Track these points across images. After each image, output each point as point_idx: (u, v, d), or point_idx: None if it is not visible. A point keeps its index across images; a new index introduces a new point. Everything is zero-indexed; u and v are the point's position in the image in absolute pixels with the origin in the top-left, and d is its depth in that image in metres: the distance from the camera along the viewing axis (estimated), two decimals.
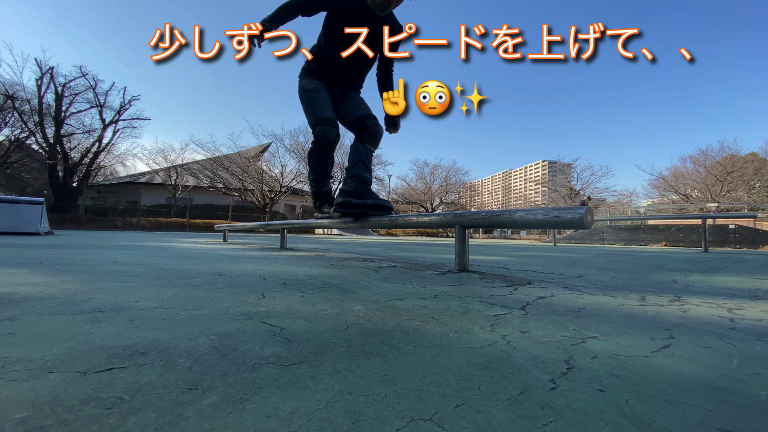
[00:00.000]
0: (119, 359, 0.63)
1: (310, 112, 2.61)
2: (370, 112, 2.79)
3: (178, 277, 1.63)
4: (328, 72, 2.68)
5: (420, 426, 0.45)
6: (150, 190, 24.19)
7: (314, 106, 2.59)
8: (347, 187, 2.68)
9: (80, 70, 19.26)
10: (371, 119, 2.73)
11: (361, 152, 2.75)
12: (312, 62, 2.69)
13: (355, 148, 2.79)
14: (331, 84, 2.72)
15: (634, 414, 0.49)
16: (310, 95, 2.63)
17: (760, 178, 22.53)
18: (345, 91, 2.80)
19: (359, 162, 2.72)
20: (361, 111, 2.75)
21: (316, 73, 2.70)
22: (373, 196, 2.72)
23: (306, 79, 2.71)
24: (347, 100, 2.79)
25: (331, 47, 2.57)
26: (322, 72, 2.69)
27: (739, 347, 0.79)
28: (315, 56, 2.66)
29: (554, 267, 2.52)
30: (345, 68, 2.68)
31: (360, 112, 2.75)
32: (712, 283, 1.86)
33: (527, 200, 62.89)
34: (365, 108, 2.80)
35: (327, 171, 2.87)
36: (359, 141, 2.79)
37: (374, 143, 2.77)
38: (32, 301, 1.08)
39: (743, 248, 8.65)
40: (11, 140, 19.21)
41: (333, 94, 2.74)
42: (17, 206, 7.14)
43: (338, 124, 2.66)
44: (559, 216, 1.56)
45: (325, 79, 2.70)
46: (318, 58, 2.65)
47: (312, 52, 2.68)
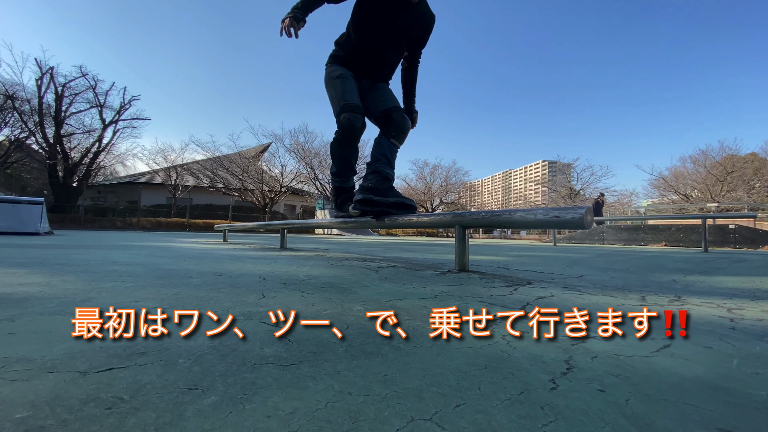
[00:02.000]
0: (119, 359, 0.63)
1: (335, 99, 2.50)
2: (398, 104, 2.68)
3: (177, 277, 1.63)
4: (356, 60, 2.57)
5: (420, 426, 0.45)
6: (150, 190, 24.19)
7: (340, 92, 2.47)
8: (368, 184, 2.55)
9: (80, 70, 19.29)
10: (398, 112, 2.61)
11: (384, 147, 2.63)
12: (340, 50, 2.60)
13: (378, 142, 2.66)
14: (360, 73, 2.60)
15: (634, 414, 0.49)
16: (336, 82, 2.51)
17: (760, 178, 22.52)
18: (373, 81, 2.68)
19: (382, 157, 2.59)
20: (389, 103, 2.64)
21: (344, 61, 2.59)
22: (395, 194, 2.59)
23: (333, 66, 2.59)
24: (375, 91, 2.67)
25: (358, 34, 2.48)
26: (350, 60, 2.58)
27: (739, 347, 0.79)
28: (343, 45, 2.57)
29: (554, 267, 2.52)
30: (374, 56, 2.57)
31: (387, 104, 2.63)
32: (712, 283, 1.86)
33: (527, 200, 62.90)
34: (393, 100, 2.69)
35: (351, 164, 2.69)
36: (384, 135, 2.66)
37: (400, 138, 2.65)
38: (32, 301, 1.08)
39: (743, 248, 8.64)
40: (11, 140, 19.22)
41: (361, 83, 2.62)
42: (17, 206, 7.14)
43: (364, 114, 2.51)
44: (559, 216, 1.56)
45: (353, 67, 2.58)
46: (346, 46, 2.56)
47: (340, 41, 2.60)
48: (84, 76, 19.30)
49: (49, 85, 18.83)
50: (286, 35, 2.20)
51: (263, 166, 24.59)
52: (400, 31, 2.46)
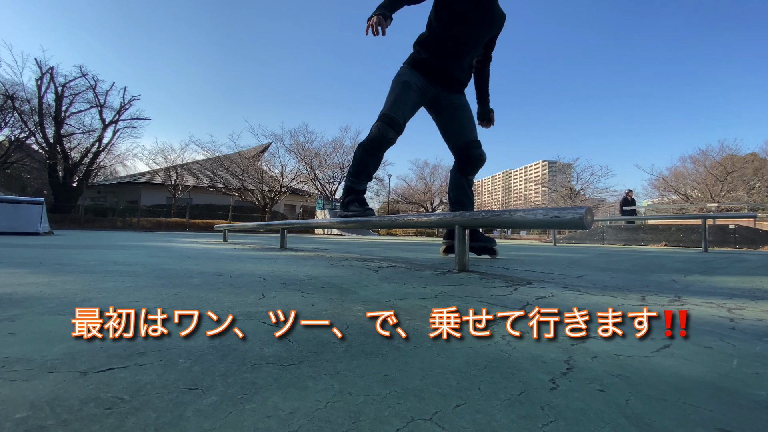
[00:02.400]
0: (119, 359, 0.63)
1: (386, 102, 2.45)
2: (476, 136, 2.62)
3: (178, 276, 1.63)
4: (435, 64, 2.50)
5: (420, 426, 0.45)
6: (150, 190, 24.20)
7: (392, 99, 2.42)
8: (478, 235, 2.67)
9: (80, 70, 19.30)
10: (478, 149, 2.57)
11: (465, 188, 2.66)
12: (422, 51, 2.52)
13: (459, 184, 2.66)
14: (436, 79, 2.53)
15: (634, 414, 0.49)
16: (397, 86, 2.46)
17: (760, 178, 22.52)
18: (449, 91, 2.60)
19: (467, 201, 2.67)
20: (469, 135, 2.58)
21: (423, 66, 2.50)
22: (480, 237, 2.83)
23: (408, 69, 2.52)
24: (455, 112, 2.59)
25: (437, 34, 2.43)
26: (429, 63, 2.50)
27: (739, 347, 0.79)
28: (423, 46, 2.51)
29: (554, 267, 2.52)
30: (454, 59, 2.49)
31: (467, 136, 2.57)
32: (712, 283, 1.86)
33: (527, 200, 62.82)
34: (473, 128, 2.62)
35: (369, 170, 2.65)
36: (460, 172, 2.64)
37: (474, 174, 2.67)
38: (32, 301, 1.08)
39: (743, 248, 8.64)
40: (11, 140, 19.22)
41: (435, 92, 2.54)
42: (17, 206, 7.14)
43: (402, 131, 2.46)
44: (559, 216, 1.56)
45: (431, 73, 2.51)
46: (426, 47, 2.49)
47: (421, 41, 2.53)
48: (84, 76, 19.32)
49: (49, 85, 18.84)
50: (373, 33, 2.15)
51: (263, 166, 24.61)
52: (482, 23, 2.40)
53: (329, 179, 26.52)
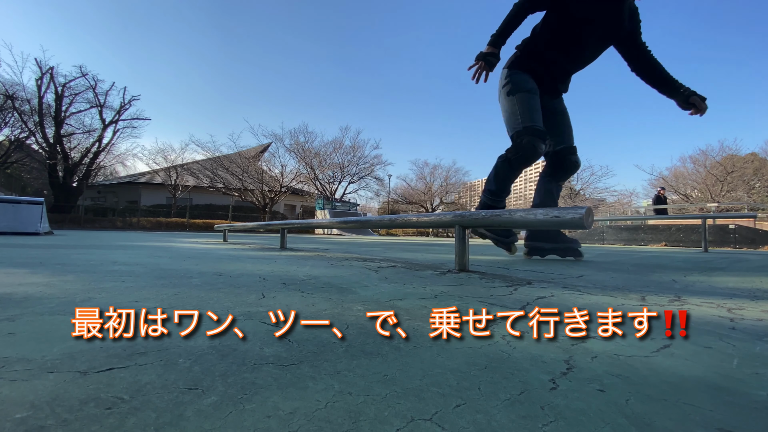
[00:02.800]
0: (119, 359, 0.63)
1: (518, 114, 2.26)
2: (573, 142, 2.50)
3: (178, 277, 1.63)
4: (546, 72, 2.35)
5: (420, 426, 0.45)
6: (150, 190, 24.19)
7: (527, 110, 2.25)
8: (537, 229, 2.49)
9: (80, 70, 19.28)
10: (575, 155, 2.48)
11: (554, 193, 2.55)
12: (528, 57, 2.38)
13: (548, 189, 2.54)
14: (545, 87, 2.42)
15: (634, 414, 0.49)
16: (524, 96, 2.27)
17: (760, 178, 22.52)
18: (553, 98, 2.50)
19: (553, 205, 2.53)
20: (566, 140, 2.48)
21: (534, 72, 2.36)
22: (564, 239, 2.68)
23: (522, 75, 2.36)
24: (555, 117, 2.48)
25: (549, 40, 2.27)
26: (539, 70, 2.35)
27: (739, 347, 0.79)
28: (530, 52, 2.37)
29: (554, 267, 2.52)
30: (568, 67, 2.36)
31: (565, 141, 2.47)
32: (712, 283, 1.86)
33: (527, 200, 62.88)
34: (570, 136, 2.52)
35: (509, 186, 2.51)
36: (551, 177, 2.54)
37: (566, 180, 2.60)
38: (32, 301, 1.08)
39: (743, 248, 8.64)
40: (11, 140, 19.22)
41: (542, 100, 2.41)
42: (17, 206, 7.15)
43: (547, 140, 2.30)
44: (559, 216, 1.56)
45: (541, 80, 2.38)
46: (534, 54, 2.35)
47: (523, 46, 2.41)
48: (84, 76, 19.30)
49: (49, 85, 18.82)
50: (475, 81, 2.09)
51: (263, 166, 24.61)
52: (605, 33, 2.22)
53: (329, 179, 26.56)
